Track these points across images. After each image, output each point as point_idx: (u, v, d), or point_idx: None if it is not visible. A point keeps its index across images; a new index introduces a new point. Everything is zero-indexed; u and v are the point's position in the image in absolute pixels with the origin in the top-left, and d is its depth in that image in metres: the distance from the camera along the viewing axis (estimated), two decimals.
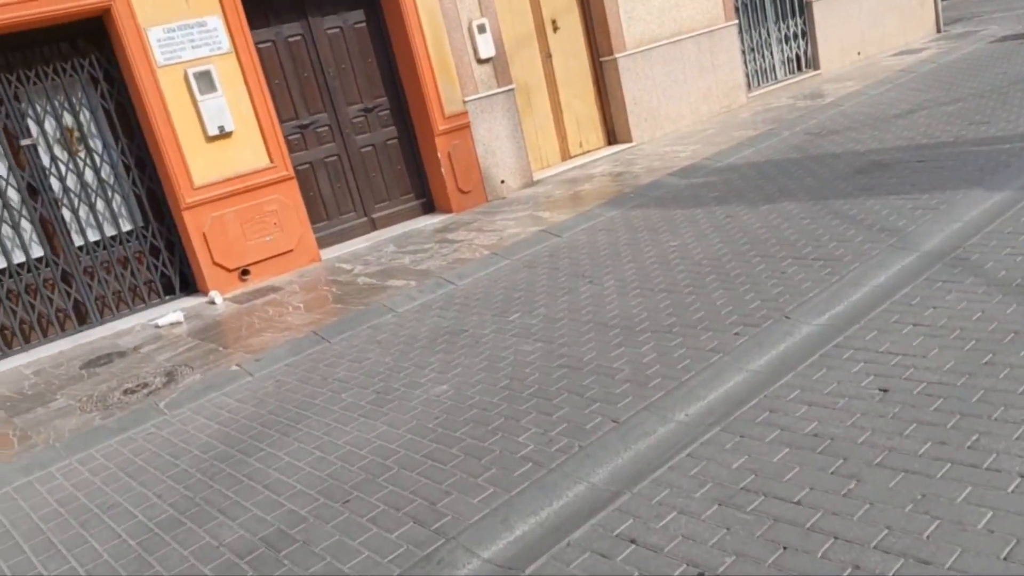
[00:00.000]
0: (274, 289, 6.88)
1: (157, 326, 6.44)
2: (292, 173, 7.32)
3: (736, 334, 4.13)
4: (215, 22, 6.80)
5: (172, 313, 6.53)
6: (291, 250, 7.36)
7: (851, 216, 5.54)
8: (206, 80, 6.76)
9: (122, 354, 5.95)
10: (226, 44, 6.87)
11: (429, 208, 8.52)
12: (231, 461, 3.97)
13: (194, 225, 6.86)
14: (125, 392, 5.12)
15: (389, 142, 8.25)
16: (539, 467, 3.30)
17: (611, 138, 9.77)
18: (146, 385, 5.17)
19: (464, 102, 8.25)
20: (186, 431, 4.43)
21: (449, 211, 8.32)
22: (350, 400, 4.38)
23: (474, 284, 5.97)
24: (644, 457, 3.24)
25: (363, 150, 8.10)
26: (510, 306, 5.30)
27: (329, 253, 7.69)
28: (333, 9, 7.77)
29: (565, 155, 9.45)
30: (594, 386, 3.90)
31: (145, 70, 6.51)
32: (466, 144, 8.29)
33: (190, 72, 6.68)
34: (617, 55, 9.34)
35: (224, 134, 6.92)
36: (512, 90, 8.59)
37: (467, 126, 8.27)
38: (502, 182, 8.61)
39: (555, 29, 9.16)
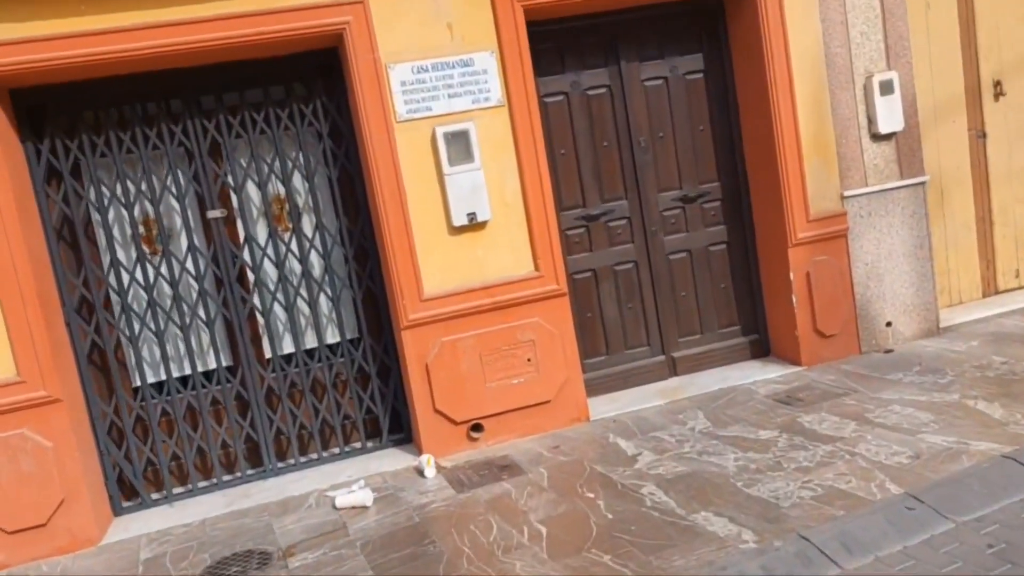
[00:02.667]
0: (510, 469, 4.38)
1: (335, 506, 4.23)
2: (565, 287, 4.85)
3: None
4: (486, 61, 4.61)
5: (360, 489, 4.28)
6: (548, 401, 4.84)
7: None
8: (461, 144, 4.56)
9: (265, 558, 3.77)
10: (497, 94, 4.64)
11: (761, 350, 5.59)
12: None
13: (415, 351, 4.63)
14: None
15: (713, 248, 5.50)
16: None
17: None
18: None
19: (843, 197, 5.25)
20: None
21: (796, 362, 5.31)
22: None
23: None
24: None
25: (672, 257, 5.44)
26: None
27: (602, 406, 5.07)
28: (658, 52, 5.28)
29: (988, 288, 5.98)
30: None
31: (378, 124, 4.46)
32: (837, 262, 5.26)
33: (440, 131, 4.53)
34: None
35: (475, 224, 4.65)
36: (923, 184, 5.41)
37: (843, 235, 5.25)
38: (887, 325, 5.41)
39: (997, 95, 5.82)
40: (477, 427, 4.77)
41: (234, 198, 4.69)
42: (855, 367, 5.14)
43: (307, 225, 4.85)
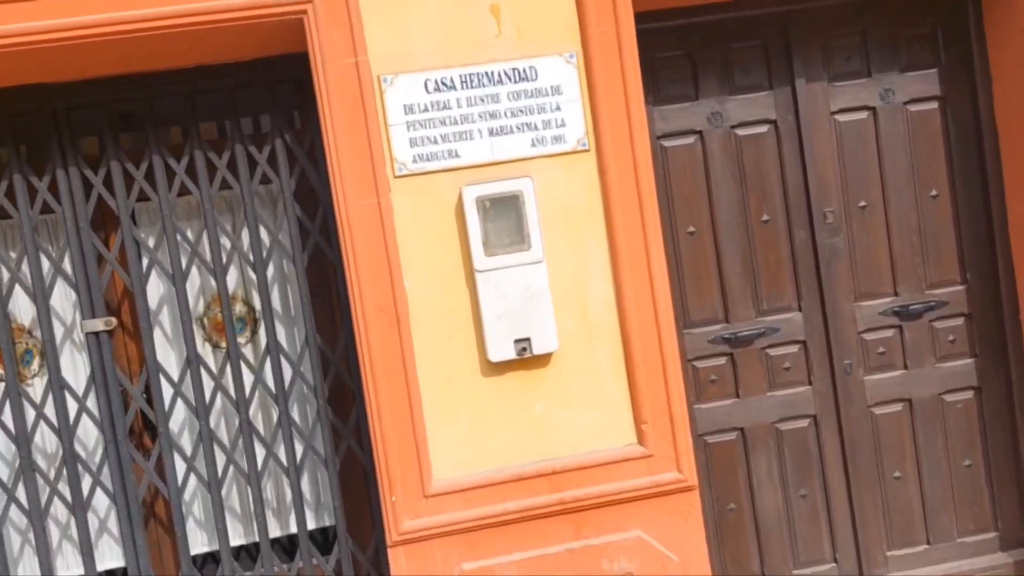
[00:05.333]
0: None
1: None
2: (693, 476, 2.67)
3: None
4: (560, 72, 2.59)
5: None
6: None
7: None
8: (508, 216, 2.54)
9: None
10: (577, 129, 2.61)
11: None
12: None
13: None
14: None
15: (951, 398, 3.19)
16: None
17: None
18: None
19: None
20: None
21: None
22: None
23: None
24: None
25: (878, 411, 3.17)
26: None
27: None
28: (861, 65, 3.12)
29: None
30: None
31: (360, 178, 2.51)
32: None
33: (470, 194, 2.52)
34: None
35: (529, 358, 2.58)
36: None
37: None
38: None
39: None
40: None
41: (161, 287, 2.83)
42: None
43: (255, 346, 2.93)
